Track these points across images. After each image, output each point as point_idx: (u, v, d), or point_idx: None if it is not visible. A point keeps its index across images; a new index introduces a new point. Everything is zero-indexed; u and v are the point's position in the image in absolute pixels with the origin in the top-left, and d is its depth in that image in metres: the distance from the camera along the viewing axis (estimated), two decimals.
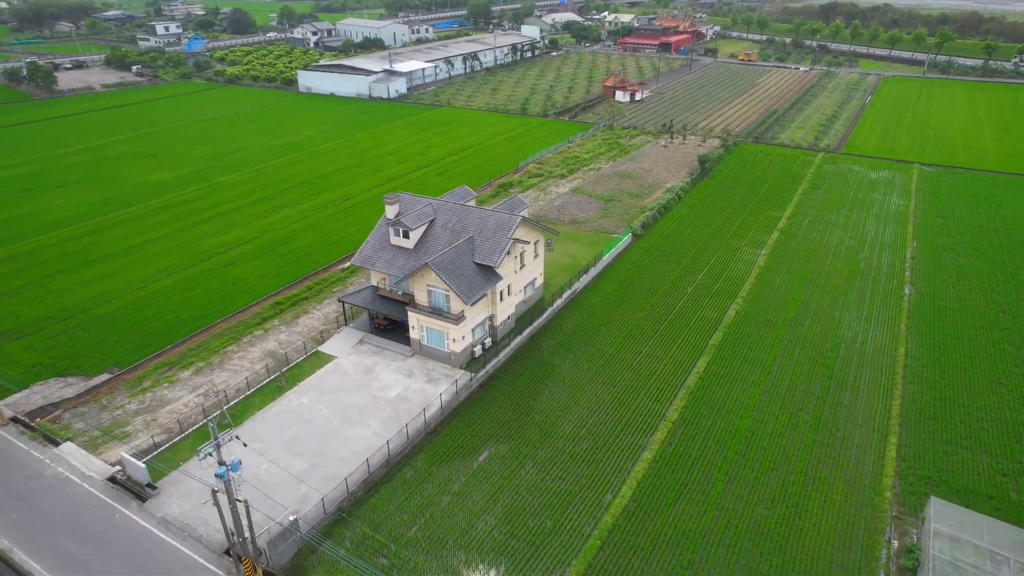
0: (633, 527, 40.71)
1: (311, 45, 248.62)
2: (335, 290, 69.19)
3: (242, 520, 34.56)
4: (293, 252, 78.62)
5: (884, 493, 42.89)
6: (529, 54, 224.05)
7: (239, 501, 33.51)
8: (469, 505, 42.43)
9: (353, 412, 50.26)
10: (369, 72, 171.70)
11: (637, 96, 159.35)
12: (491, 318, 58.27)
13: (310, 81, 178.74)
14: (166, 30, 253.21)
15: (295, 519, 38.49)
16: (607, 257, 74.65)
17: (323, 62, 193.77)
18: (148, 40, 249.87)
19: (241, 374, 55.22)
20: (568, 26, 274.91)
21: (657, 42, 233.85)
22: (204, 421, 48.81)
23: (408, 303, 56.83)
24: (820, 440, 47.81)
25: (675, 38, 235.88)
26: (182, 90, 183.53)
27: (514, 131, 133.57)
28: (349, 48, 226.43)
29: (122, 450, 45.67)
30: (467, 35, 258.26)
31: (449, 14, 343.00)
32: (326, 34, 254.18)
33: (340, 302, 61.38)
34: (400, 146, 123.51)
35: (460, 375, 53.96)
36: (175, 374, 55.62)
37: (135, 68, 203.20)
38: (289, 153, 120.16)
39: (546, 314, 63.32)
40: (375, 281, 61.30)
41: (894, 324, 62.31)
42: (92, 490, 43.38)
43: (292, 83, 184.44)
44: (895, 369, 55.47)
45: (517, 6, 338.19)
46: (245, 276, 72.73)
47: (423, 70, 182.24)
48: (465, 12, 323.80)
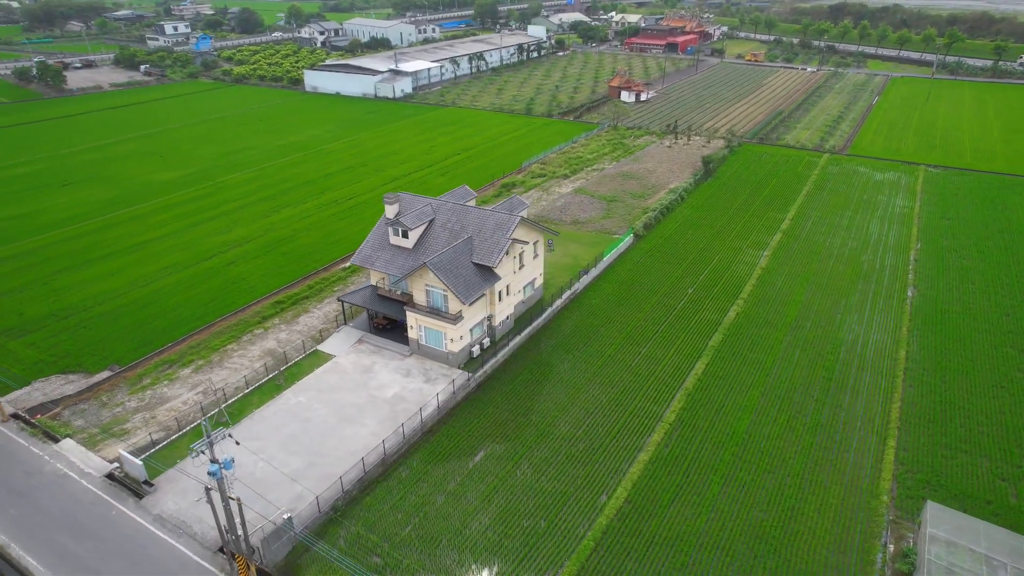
0: (627, 528, 40.63)
1: (318, 45, 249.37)
2: (336, 289, 69.39)
3: (235, 518, 34.71)
4: (295, 251, 78.92)
5: (881, 497, 42.60)
6: (535, 54, 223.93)
7: (232, 499, 33.68)
8: (464, 505, 42.46)
9: (350, 411, 50.40)
10: (375, 72, 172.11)
11: (642, 96, 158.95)
12: (489, 318, 58.28)
13: (316, 81, 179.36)
14: (175, 30, 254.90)
15: (289, 517, 38.62)
16: (608, 258, 74.50)
17: (329, 62, 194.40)
18: (157, 40, 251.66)
19: (240, 372, 55.49)
20: (575, 26, 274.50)
21: (664, 42, 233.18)
22: (202, 419, 48.95)
23: (407, 303, 56.93)
24: (818, 443, 47.56)
25: (682, 38, 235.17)
26: (189, 89, 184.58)
27: (518, 131, 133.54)
28: (356, 48, 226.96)
29: (120, 447, 45.99)
30: (474, 35, 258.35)
31: (456, 14, 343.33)
32: (333, 34, 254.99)
33: (339, 301, 61.60)
34: (404, 146, 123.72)
35: (458, 375, 54.00)
36: (175, 372, 55.96)
37: (143, 67, 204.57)
38: (294, 152, 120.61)
39: (545, 314, 63.27)
40: (374, 280, 61.44)
41: (896, 327, 61.89)
42: (90, 487, 43.69)
43: (298, 83, 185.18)
44: (895, 372, 55.09)
45: (524, 6, 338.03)
46: (247, 275, 73.06)
47: (429, 70, 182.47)
48: (472, 12, 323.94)
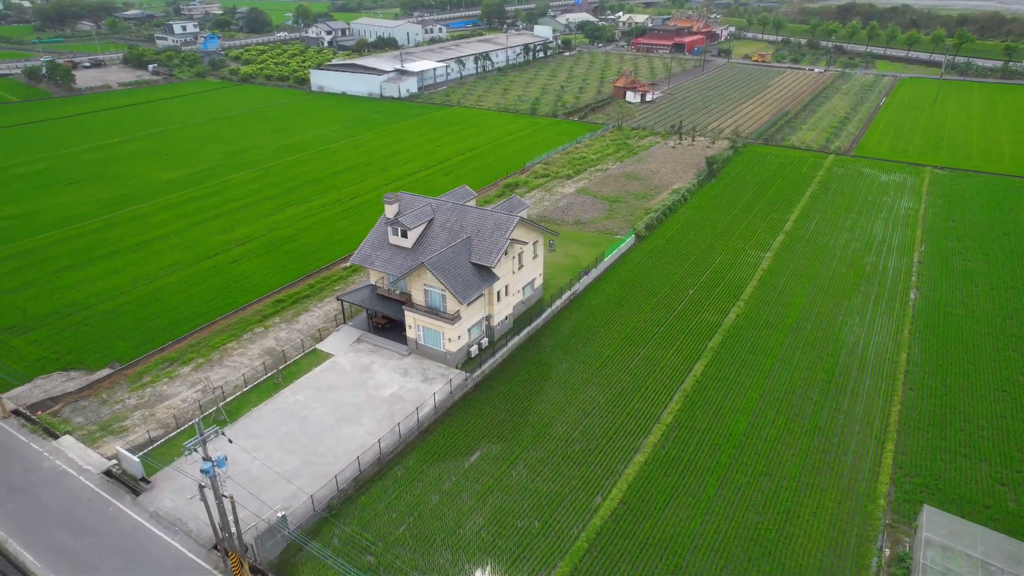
0: (621, 530, 40.53)
1: (325, 44, 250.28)
2: (336, 288, 69.57)
3: (228, 515, 34.86)
4: (297, 250, 79.20)
5: (878, 501, 42.31)
6: (541, 54, 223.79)
7: (225, 496, 33.82)
8: (458, 505, 42.49)
9: (348, 410, 50.52)
10: (380, 71, 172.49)
11: (648, 97, 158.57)
12: (488, 318, 58.28)
13: (322, 80, 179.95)
14: (183, 29, 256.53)
15: (283, 515, 38.77)
16: (609, 258, 74.35)
17: (335, 61, 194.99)
18: (166, 39, 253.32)
19: (239, 371, 55.71)
20: (582, 26, 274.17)
21: (670, 43, 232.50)
22: (200, 417, 49.23)
23: (405, 302, 57.02)
24: (816, 446, 47.29)
25: (688, 39, 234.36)
26: (196, 89, 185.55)
27: (523, 131, 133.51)
28: (362, 47, 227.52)
29: (118, 444, 46.29)
30: (480, 35, 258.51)
31: (463, 14, 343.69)
32: (340, 33, 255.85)
33: (339, 300, 61.74)
34: (409, 145, 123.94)
35: (455, 375, 54.03)
36: (175, 370, 56.26)
37: (151, 67, 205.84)
38: (299, 152, 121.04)
39: (545, 315, 63.21)
40: (374, 280, 61.56)
41: (897, 329, 61.46)
42: (88, 483, 43.99)
43: (305, 82, 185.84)
44: (896, 375, 54.71)
45: (531, 6, 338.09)
46: (249, 273, 73.38)
47: (434, 70, 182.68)
48: (479, 12, 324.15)
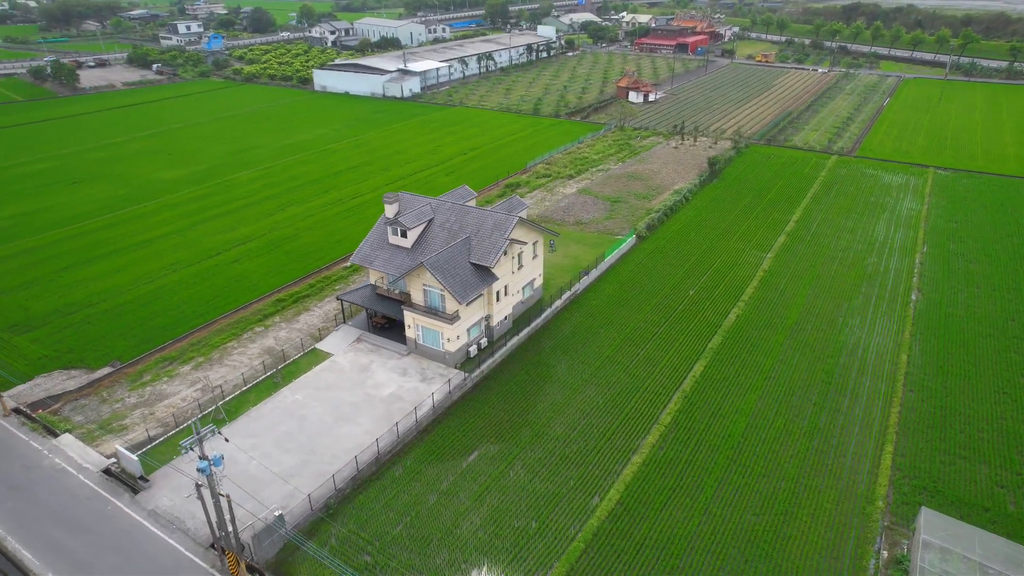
0: (618, 531, 40.49)
1: (329, 44, 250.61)
2: (337, 288, 69.67)
3: (224, 514, 34.94)
4: (298, 250, 79.34)
5: (876, 503, 42.17)
6: (544, 54, 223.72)
7: (221, 495, 33.91)
8: (455, 505, 42.50)
9: (346, 410, 50.59)
10: (383, 71, 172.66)
11: (651, 97, 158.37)
12: (487, 318, 58.28)
13: (325, 80, 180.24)
14: (187, 29, 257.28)
15: (280, 514, 38.84)
16: (609, 259, 74.28)
17: (338, 61, 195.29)
18: (170, 39, 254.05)
19: (239, 370, 55.84)
20: (585, 26, 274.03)
21: (674, 43, 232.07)
22: (197, 417, 49.39)
23: (405, 302, 57.07)
24: (814, 447, 47.17)
25: (692, 39, 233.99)
26: (199, 88, 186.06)
27: (525, 131, 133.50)
28: (366, 47, 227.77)
29: (117, 443, 46.44)
30: (483, 35, 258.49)
31: (467, 14, 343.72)
32: (344, 33, 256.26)
33: (339, 300, 61.83)
34: (410, 145, 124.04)
35: (454, 375, 54.05)
36: (175, 369, 56.42)
37: (155, 66, 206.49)
38: (300, 151, 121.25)
39: (544, 315, 63.18)
40: (374, 280, 61.63)
41: (898, 330, 61.25)
42: (87, 482, 44.15)
43: (308, 82, 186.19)
44: (896, 376, 54.52)
45: (535, 6, 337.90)
46: (249, 273, 73.54)
47: (437, 70, 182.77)
48: (483, 12, 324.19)
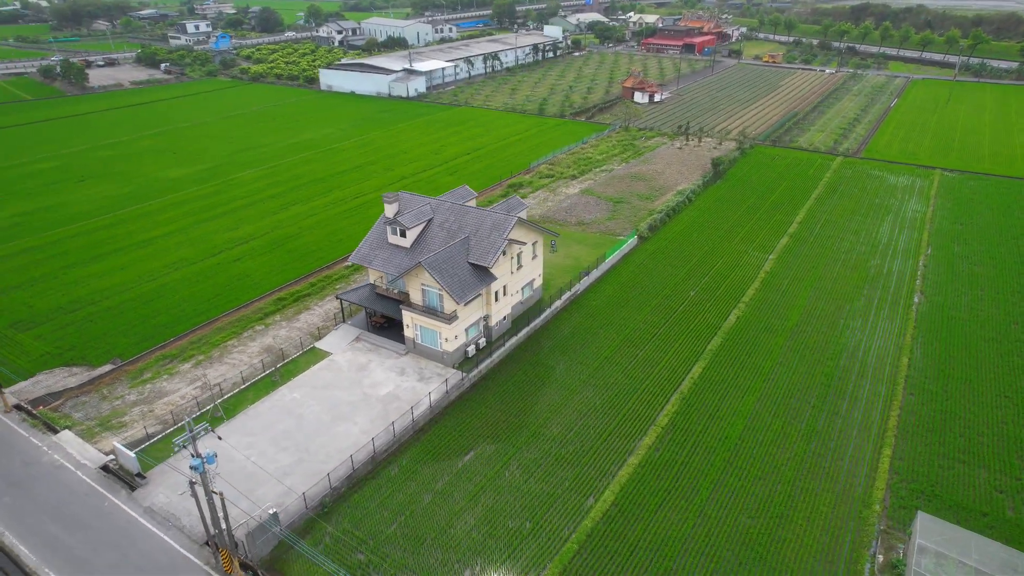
0: (612, 532, 40.41)
1: (335, 44, 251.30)
2: (337, 287, 69.85)
3: (218, 511, 35.10)
4: (299, 249, 79.61)
5: (873, 506, 41.90)
6: (551, 54, 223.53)
7: (215, 493, 34.06)
8: (450, 504, 42.53)
9: (344, 409, 50.73)
10: (389, 71, 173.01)
11: (656, 97, 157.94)
12: (486, 318, 58.29)
13: (331, 79, 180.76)
14: (196, 28, 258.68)
15: (274, 512, 38.98)
16: (610, 259, 74.13)
17: (344, 61, 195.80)
18: (178, 38, 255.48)
19: (238, 368, 56.09)
20: (592, 26, 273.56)
21: (680, 43, 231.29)
22: (193, 415, 49.66)
23: (403, 301, 57.16)
24: (812, 450, 46.91)
25: (699, 39, 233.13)
26: (206, 87, 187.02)
27: (529, 131, 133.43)
28: (372, 47, 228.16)
29: (115, 440, 46.74)
30: (490, 35, 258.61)
31: (474, 14, 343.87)
32: (351, 33, 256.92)
33: (338, 299, 62.01)
34: (414, 145, 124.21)
35: (452, 374, 54.10)
36: (175, 366, 56.74)
37: (163, 66, 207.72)
38: (305, 151, 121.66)
39: (544, 315, 63.12)
40: (373, 279, 61.76)
41: (900, 333, 60.82)
42: (85, 478, 44.47)
43: (314, 81, 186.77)
44: (896, 379, 54.15)
45: (542, 6, 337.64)
46: (251, 271, 73.86)
47: (443, 69, 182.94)
48: (490, 12, 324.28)
